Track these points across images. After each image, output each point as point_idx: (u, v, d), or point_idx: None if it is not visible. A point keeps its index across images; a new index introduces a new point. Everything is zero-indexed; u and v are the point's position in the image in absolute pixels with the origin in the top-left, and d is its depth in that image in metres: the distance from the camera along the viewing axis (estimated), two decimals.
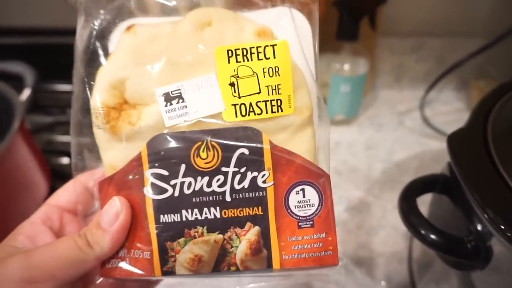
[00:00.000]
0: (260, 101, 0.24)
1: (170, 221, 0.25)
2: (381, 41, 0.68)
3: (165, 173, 0.24)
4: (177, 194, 0.24)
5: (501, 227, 0.27)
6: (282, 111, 0.24)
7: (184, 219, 0.25)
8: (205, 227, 0.25)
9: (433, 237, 0.32)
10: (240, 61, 0.24)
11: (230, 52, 0.24)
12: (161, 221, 0.25)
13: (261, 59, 0.24)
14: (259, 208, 0.25)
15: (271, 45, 0.24)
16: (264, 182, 0.25)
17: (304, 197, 0.25)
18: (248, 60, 0.24)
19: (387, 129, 0.67)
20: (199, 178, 0.24)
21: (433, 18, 0.68)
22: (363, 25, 0.59)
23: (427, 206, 0.43)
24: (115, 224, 0.24)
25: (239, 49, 0.24)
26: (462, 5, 0.66)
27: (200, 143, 0.24)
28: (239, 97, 0.24)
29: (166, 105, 0.24)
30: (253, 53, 0.24)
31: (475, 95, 0.69)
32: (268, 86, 0.24)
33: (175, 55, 0.24)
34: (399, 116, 0.69)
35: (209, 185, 0.24)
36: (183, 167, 0.24)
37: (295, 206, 0.25)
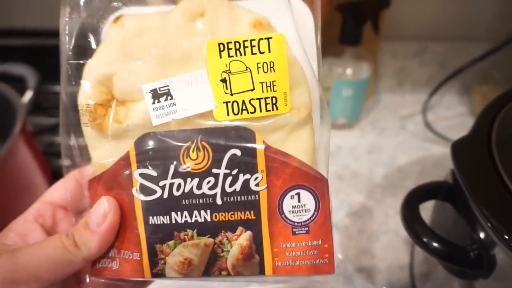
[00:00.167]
0: (253, 99, 0.23)
1: (159, 223, 0.24)
2: (383, 45, 0.68)
3: (154, 173, 0.23)
4: (166, 195, 0.24)
5: (505, 236, 0.26)
6: (277, 109, 0.23)
7: (173, 221, 0.24)
8: (195, 230, 0.24)
9: (435, 245, 0.31)
10: (232, 56, 0.23)
11: (221, 46, 0.23)
12: (150, 223, 0.24)
13: (255, 54, 0.23)
14: (252, 212, 0.24)
15: (266, 38, 0.23)
16: (257, 185, 0.23)
17: (299, 202, 0.24)
18: (241, 54, 0.23)
19: (389, 134, 0.66)
20: (189, 179, 0.23)
21: (436, 22, 0.68)
22: (366, 29, 0.59)
23: (429, 212, 0.42)
24: (103, 225, 0.23)
25: (231, 42, 0.23)
26: (465, 9, 0.66)
27: (190, 143, 0.23)
28: (231, 94, 0.23)
29: (153, 102, 0.23)
30: (247, 47, 0.23)
31: (478, 100, 0.68)
32: (262, 82, 0.23)
33: (165, 49, 0.23)
34: (401, 120, 0.69)
35: (199, 187, 0.23)
36: (172, 168, 0.23)
37: (290, 211, 0.24)
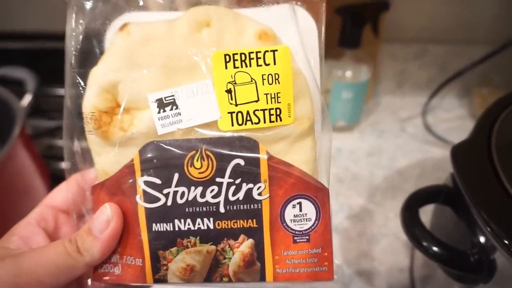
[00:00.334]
0: (258, 110, 0.23)
1: (162, 230, 0.24)
2: (383, 48, 0.68)
3: (158, 181, 0.24)
4: (169, 203, 0.24)
5: (505, 241, 0.26)
6: (281, 120, 0.23)
7: (176, 228, 0.24)
8: (198, 238, 0.24)
9: (435, 249, 0.31)
10: (238, 67, 0.23)
11: (227, 57, 0.23)
12: (153, 230, 0.24)
13: (261, 65, 0.23)
14: (254, 220, 0.24)
15: (271, 51, 0.23)
16: (259, 194, 0.24)
17: (300, 211, 0.24)
18: (246, 66, 0.23)
19: (389, 136, 0.66)
20: (193, 188, 0.24)
21: (436, 25, 0.68)
22: (365, 31, 0.59)
23: (429, 215, 0.42)
24: (105, 231, 0.24)
25: (237, 54, 0.23)
26: (465, 12, 0.66)
27: (194, 152, 0.23)
28: (236, 105, 0.23)
29: (159, 112, 0.23)
30: (252, 58, 0.23)
31: (478, 103, 0.68)
32: (267, 94, 0.23)
33: (170, 58, 0.23)
34: (401, 122, 0.69)
35: (203, 195, 0.24)
36: (176, 176, 0.24)
37: (291, 220, 0.24)
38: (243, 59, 0.23)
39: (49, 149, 0.62)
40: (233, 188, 0.24)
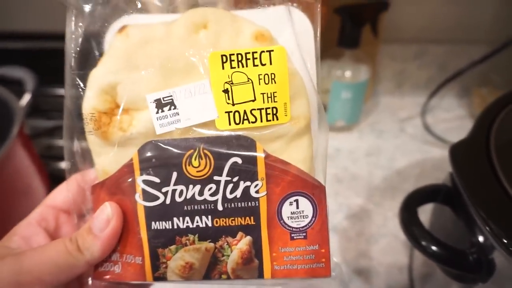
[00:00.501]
0: (254, 109, 0.24)
1: (161, 228, 0.24)
2: (382, 48, 0.68)
3: (157, 180, 0.24)
4: (168, 201, 0.24)
5: (504, 240, 0.26)
6: (277, 119, 0.24)
7: (175, 226, 0.24)
8: (197, 235, 0.24)
9: (434, 248, 0.31)
10: (234, 67, 0.23)
11: (224, 57, 0.23)
12: (152, 228, 0.24)
13: (257, 65, 0.24)
14: (251, 218, 0.24)
15: (267, 51, 0.24)
16: (257, 192, 0.24)
17: (297, 208, 0.24)
18: (243, 66, 0.24)
19: (388, 136, 0.66)
20: (191, 186, 0.24)
21: (435, 25, 0.68)
22: (365, 31, 0.59)
23: (428, 214, 0.42)
24: (106, 230, 0.24)
25: (233, 54, 0.23)
26: (465, 12, 0.66)
27: (192, 151, 0.24)
28: (233, 105, 0.24)
29: (157, 112, 0.24)
30: (249, 58, 0.23)
31: (477, 103, 0.68)
32: (263, 93, 0.24)
33: (168, 60, 0.24)
34: (400, 123, 0.69)
35: (201, 193, 0.24)
36: (175, 175, 0.24)
37: (288, 217, 0.24)
38: (240, 59, 0.23)
39: (48, 149, 0.62)
40: (230, 186, 0.24)
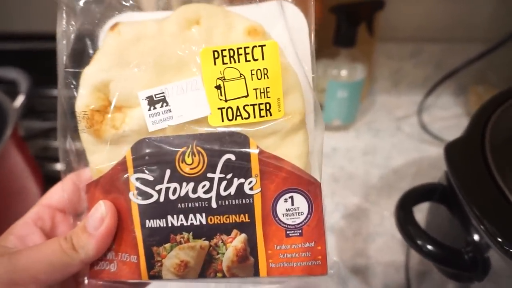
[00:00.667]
0: (247, 105, 0.23)
1: (155, 226, 0.24)
2: (378, 47, 0.68)
3: (150, 178, 0.24)
4: (162, 199, 0.24)
5: (498, 239, 0.26)
6: (271, 115, 0.24)
7: (169, 224, 0.24)
8: (191, 233, 0.24)
9: (430, 247, 0.31)
10: (226, 63, 0.23)
11: (216, 53, 0.23)
12: (146, 226, 0.24)
13: (249, 61, 0.23)
14: (246, 215, 0.24)
15: (259, 46, 0.23)
16: (251, 189, 0.24)
17: (292, 205, 0.24)
18: (235, 61, 0.23)
19: (385, 135, 0.66)
20: (184, 184, 0.24)
21: (431, 23, 0.68)
22: (361, 30, 0.58)
23: (424, 213, 0.42)
24: (100, 228, 0.24)
25: (225, 50, 0.23)
26: (461, 10, 0.66)
27: (185, 148, 0.24)
28: (226, 101, 0.23)
29: (149, 109, 0.24)
30: (241, 54, 0.23)
31: (474, 101, 0.68)
32: (256, 89, 0.23)
33: (161, 56, 0.24)
34: (397, 121, 0.69)
35: (195, 191, 0.24)
36: (168, 172, 0.24)
37: (283, 214, 0.24)
38: (232, 55, 0.23)
39: (43, 151, 0.62)
40: (224, 183, 0.24)
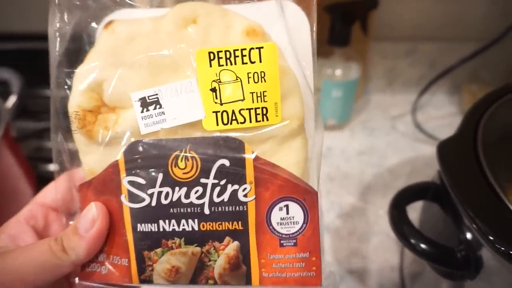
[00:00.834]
0: (243, 109, 0.23)
1: (147, 230, 0.24)
2: (373, 46, 0.68)
3: (142, 181, 0.23)
4: (154, 203, 0.23)
5: (490, 238, 0.26)
6: (267, 120, 0.23)
7: (161, 229, 0.24)
8: (183, 239, 0.24)
9: (423, 246, 0.31)
10: (222, 65, 0.23)
11: (212, 54, 0.22)
12: (138, 230, 0.24)
13: (246, 63, 0.22)
14: (239, 223, 0.23)
15: (257, 48, 0.22)
16: (245, 196, 0.23)
17: (287, 214, 0.23)
18: (231, 63, 0.23)
19: (380, 134, 0.66)
20: (177, 188, 0.23)
21: (426, 22, 0.68)
22: (354, 29, 0.58)
23: (418, 211, 0.42)
24: (91, 230, 0.23)
25: (221, 51, 0.22)
26: (455, 10, 0.66)
27: (178, 152, 0.23)
28: (221, 104, 0.23)
29: (142, 111, 0.23)
30: (237, 56, 0.22)
31: (468, 99, 0.68)
32: (252, 92, 0.23)
33: (156, 56, 0.23)
34: (392, 120, 0.69)
35: (187, 196, 0.23)
36: (161, 176, 0.23)
37: (278, 223, 0.23)
38: (228, 56, 0.23)
39: (37, 151, 0.62)
40: (218, 189, 0.23)
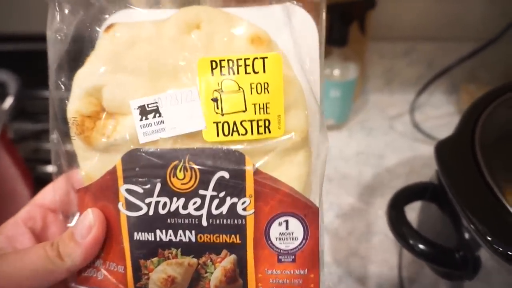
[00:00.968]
0: (245, 120, 0.22)
1: (143, 239, 0.23)
2: (371, 46, 0.68)
3: (140, 190, 0.23)
4: (151, 213, 0.23)
5: (488, 238, 0.26)
6: (270, 132, 0.22)
7: (158, 239, 0.23)
8: (180, 250, 0.23)
9: (421, 247, 0.31)
10: (225, 74, 0.22)
11: (214, 63, 0.22)
12: (135, 238, 0.24)
13: (249, 73, 0.22)
14: (237, 236, 0.23)
15: (261, 58, 0.22)
16: (244, 209, 0.23)
17: (287, 229, 0.23)
18: (234, 73, 0.22)
19: (378, 134, 0.66)
20: (175, 199, 0.23)
21: (424, 22, 0.68)
22: (353, 29, 0.58)
23: (417, 212, 0.42)
24: (87, 237, 0.23)
25: (224, 60, 0.22)
26: (453, 9, 0.66)
27: (177, 162, 0.22)
28: (222, 115, 0.22)
29: (141, 119, 0.22)
30: (240, 65, 0.22)
31: (466, 99, 0.68)
32: (255, 104, 0.22)
33: (157, 62, 0.22)
34: (390, 120, 0.69)
35: (185, 207, 0.23)
36: (159, 186, 0.23)
37: (277, 238, 0.23)
38: (231, 66, 0.22)
39: (34, 153, 0.61)
40: (216, 201, 0.23)
